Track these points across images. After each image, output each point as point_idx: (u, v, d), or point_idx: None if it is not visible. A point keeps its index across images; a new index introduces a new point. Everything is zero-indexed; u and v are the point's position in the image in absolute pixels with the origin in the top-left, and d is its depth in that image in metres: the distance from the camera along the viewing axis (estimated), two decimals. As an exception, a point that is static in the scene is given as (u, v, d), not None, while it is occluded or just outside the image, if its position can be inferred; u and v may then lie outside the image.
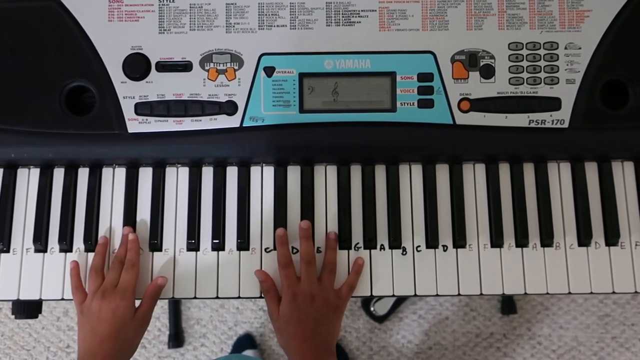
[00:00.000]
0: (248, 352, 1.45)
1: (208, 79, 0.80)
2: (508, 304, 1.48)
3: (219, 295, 0.79)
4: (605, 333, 1.49)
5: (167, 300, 1.49)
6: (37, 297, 0.80)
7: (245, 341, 1.48)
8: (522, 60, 0.80)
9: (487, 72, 0.80)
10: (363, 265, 0.80)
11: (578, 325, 1.49)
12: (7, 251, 0.81)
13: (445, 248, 0.81)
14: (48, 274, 0.80)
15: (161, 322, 1.51)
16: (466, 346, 1.49)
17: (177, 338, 1.49)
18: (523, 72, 0.80)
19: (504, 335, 1.49)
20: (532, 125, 0.79)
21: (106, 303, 0.75)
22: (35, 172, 0.83)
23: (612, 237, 0.80)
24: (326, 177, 0.83)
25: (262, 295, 0.79)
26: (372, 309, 1.47)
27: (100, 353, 0.73)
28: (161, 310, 1.51)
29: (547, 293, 0.79)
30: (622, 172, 0.83)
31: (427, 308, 1.49)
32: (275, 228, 0.81)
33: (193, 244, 0.80)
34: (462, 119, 0.79)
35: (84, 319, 0.76)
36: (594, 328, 1.49)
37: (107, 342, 0.73)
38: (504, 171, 0.82)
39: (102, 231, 0.81)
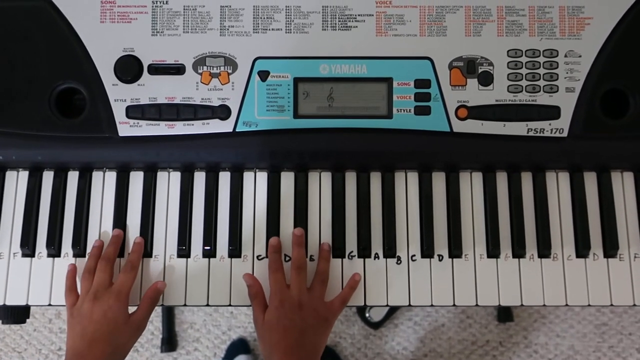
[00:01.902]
0: (241, 357, 1.44)
1: (201, 82, 0.78)
2: (505, 312, 1.46)
3: (210, 304, 0.78)
4: (602, 342, 1.47)
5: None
6: (23, 303, 0.78)
7: (239, 346, 1.47)
8: (521, 67, 0.79)
9: (486, 79, 0.78)
10: (359, 281, 0.78)
11: (575, 334, 1.48)
12: (-6, 255, 0.79)
13: (440, 258, 0.79)
14: (35, 279, 0.79)
15: (154, 325, 1.49)
16: (462, 354, 1.47)
17: (170, 342, 1.48)
18: (522, 79, 0.78)
19: (500, 343, 1.48)
20: (531, 133, 0.78)
21: (98, 304, 0.73)
22: (23, 175, 0.81)
23: (610, 248, 0.79)
24: (320, 184, 0.81)
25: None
26: (367, 315, 1.46)
27: (90, 356, 0.71)
28: (154, 313, 1.48)
29: (544, 305, 0.78)
30: (622, 182, 0.81)
31: (423, 315, 1.48)
32: (267, 235, 0.79)
33: (184, 251, 0.79)
34: (460, 126, 0.78)
35: (74, 321, 0.74)
36: (591, 337, 1.47)
37: (97, 344, 0.71)
38: (502, 180, 0.81)
39: (91, 236, 0.80)
